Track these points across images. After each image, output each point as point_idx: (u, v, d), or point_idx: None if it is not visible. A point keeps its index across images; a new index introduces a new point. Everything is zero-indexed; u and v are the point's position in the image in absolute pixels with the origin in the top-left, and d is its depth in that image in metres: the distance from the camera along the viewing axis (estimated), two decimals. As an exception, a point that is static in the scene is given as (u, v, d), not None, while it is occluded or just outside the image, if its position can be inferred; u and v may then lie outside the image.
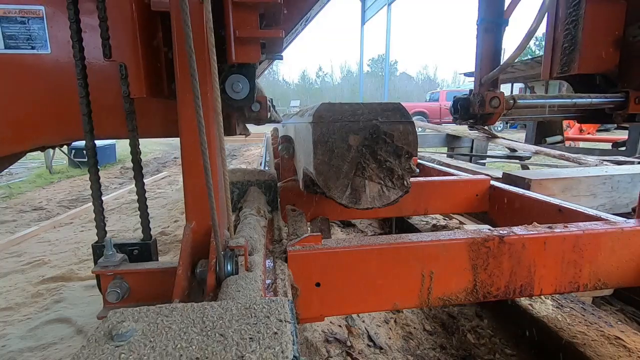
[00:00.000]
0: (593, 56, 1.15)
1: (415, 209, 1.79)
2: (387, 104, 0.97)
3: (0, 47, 0.89)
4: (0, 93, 0.90)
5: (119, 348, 0.36)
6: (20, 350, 1.57)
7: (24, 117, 0.93)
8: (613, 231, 1.03)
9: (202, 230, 0.82)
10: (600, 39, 1.14)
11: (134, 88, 0.82)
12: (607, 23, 1.14)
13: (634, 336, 1.24)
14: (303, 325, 1.47)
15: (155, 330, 0.39)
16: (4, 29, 0.88)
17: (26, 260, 2.62)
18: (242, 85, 0.84)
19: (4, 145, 0.94)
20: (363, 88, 15.01)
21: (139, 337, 0.37)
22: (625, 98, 1.14)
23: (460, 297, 0.98)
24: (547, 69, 1.25)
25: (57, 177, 6.22)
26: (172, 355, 0.35)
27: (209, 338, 0.37)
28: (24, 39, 0.90)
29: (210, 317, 0.41)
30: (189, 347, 0.36)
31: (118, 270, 0.81)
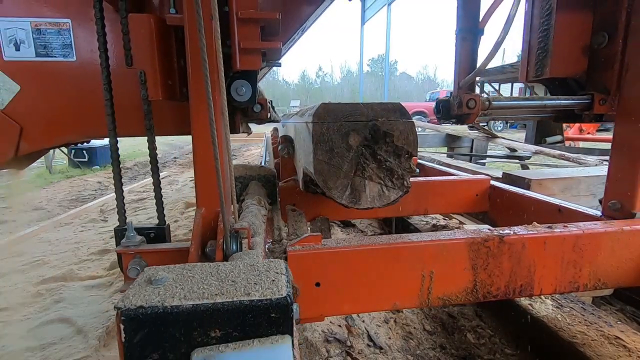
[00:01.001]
0: (563, 61, 1.26)
1: (415, 209, 1.79)
2: (387, 104, 0.97)
3: (32, 55, 1.03)
4: (32, 96, 1.05)
5: (157, 288, 0.49)
6: (20, 350, 1.57)
7: (52, 117, 1.07)
8: (613, 231, 1.03)
9: (210, 215, 0.94)
10: (569, 46, 1.25)
11: (152, 92, 0.92)
12: (575, 32, 1.25)
13: (633, 336, 1.24)
14: (303, 325, 1.47)
15: (182, 278, 0.52)
16: (35, 39, 1.02)
17: (26, 260, 2.62)
18: (245, 89, 0.96)
19: (36, 141, 1.09)
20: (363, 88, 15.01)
21: (171, 282, 0.51)
22: (590, 100, 1.24)
23: (460, 297, 0.98)
24: (523, 72, 1.36)
25: (57, 177, 6.22)
26: (197, 292, 0.47)
27: (223, 283, 0.50)
28: (53, 48, 1.03)
29: (223, 270, 0.54)
30: (208, 287, 0.49)
31: (138, 249, 0.94)
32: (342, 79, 73.76)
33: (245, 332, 0.45)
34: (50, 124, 1.08)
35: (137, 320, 0.44)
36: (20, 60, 1.03)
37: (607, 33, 1.21)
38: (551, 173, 2.40)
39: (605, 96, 1.23)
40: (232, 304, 0.45)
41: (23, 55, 1.03)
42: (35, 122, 1.07)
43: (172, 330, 0.44)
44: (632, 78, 1.14)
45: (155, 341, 0.45)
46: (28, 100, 1.06)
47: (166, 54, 0.95)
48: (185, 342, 0.45)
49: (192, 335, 0.45)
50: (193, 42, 0.85)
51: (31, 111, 1.07)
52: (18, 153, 1.07)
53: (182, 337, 0.45)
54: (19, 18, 1.00)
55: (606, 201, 1.23)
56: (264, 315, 0.46)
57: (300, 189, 1.28)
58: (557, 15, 1.22)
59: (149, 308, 0.45)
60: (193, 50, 0.86)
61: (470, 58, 1.31)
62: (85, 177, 6.24)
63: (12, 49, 1.02)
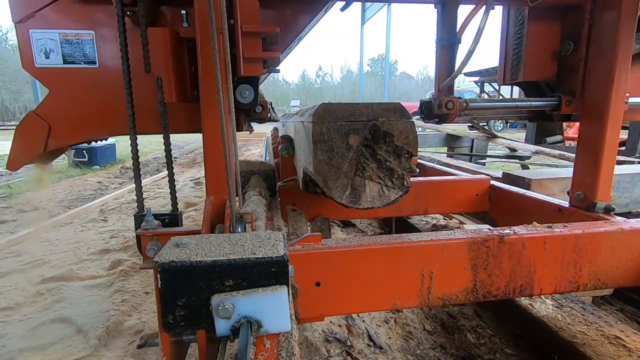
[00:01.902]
0: (534, 67, 1.40)
1: (415, 209, 1.79)
2: (387, 104, 0.97)
3: (60, 63, 1.16)
4: (59, 98, 1.19)
5: (183, 250, 0.61)
6: (20, 349, 1.58)
7: (77, 117, 1.21)
8: (613, 231, 1.04)
9: (218, 202, 1.06)
10: (540, 52, 1.39)
11: (167, 95, 1.04)
12: (545, 39, 1.38)
13: (633, 336, 1.24)
14: (303, 325, 1.47)
15: (202, 243, 0.64)
16: (63, 48, 1.16)
17: (26, 260, 2.62)
18: (248, 93, 1.08)
19: (62, 138, 1.22)
20: (363, 88, 15.01)
21: (193, 246, 0.62)
22: (558, 101, 1.36)
23: (460, 296, 0.98)
24: (501, 76, 1.51)
25: (57, 177, 6.22)
26: (215, 252, 0.60)
27: (235, 246, 0.62)
28: (78, 56, 1.17)
29: (234, 238, 0.66)
30: (223, 249, 0.61)
31: (155, 232, 1.06)
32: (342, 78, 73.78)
33: (251, 282, 0.58)
34: (75, 123, 1.22)
35: (169, 271, 0.56)
36: (49, 67, 1.17)
37: (572, 41, 1.34)
38: (551, 173, 2.40)
39: (571, 98, 1.35)
40: (242, 260, 0.58)
41: (52, 63, 1.17)
42: (62, 122, 1.21)
43: (196, 280, 0.57)
44: (593, 82, 1.28)
45: (183, 288, 0.57)
46: (56, 102, 1.20)
47: (179, 61, 1.07)
48: (206, 289, 0.57)
49: (211, 283, 0.57)
50: (204, 52, 0.97)
51: (58, 112, 1.20)
52: (46, 149, 1.22)
53: (203, 285, 0.57)
54: (49, 30, 1.15)
55: (572, 192, 1.38)
56: (266, 269, 0.58)
57: (300, 189, 1.28)
58: (529, 25, 1.36)
59: (178, 262, 0.56)
60: (204, 59, 0.98)
61: (448, 64, 1.43)
62: (85, 177, 6.24)
63: (43, 57, 1.16)
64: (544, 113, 1.42)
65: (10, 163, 1.23)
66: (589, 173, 1.31)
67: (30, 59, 1.16)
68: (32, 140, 1.21)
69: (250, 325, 0.55)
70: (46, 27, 1.15)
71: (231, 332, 0.56)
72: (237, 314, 0.56)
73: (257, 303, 0.57)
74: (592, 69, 1.28)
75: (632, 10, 1.17)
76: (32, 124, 1.20)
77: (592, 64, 1.28)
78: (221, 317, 0.56)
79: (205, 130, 1.03)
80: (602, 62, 1.24)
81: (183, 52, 1.09)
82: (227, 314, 0.55)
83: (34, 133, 1.20)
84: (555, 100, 1.37)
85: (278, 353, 0.53)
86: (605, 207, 1.27)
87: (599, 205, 1.27)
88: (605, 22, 1.23)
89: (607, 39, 1.23)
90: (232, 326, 0.56)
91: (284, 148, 1.53)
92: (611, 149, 1.26)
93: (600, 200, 1.27)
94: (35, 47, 1.15)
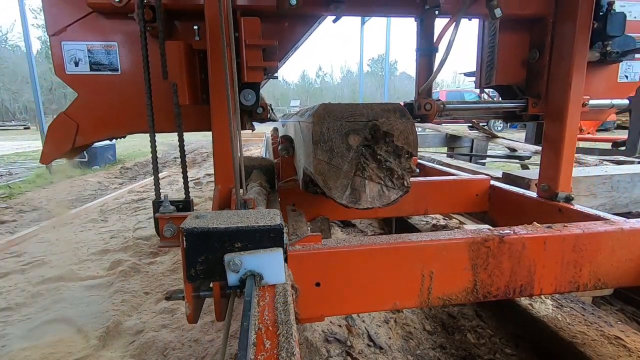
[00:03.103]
0: (506, 72, 1.56)
1: (415, 209, 1.79)
2: (387, 104, 0.97)
3: (87, 70, 1.33)
4: (86, 101, 1.36)
5: (202, 220, 0.74)
6: (20, 349, 1.58)
7: (101, 117, 1.37)
8: (613, 231, 1.03)
9: (225, 190, 1.25)
10: (511, 59, 1.55)
11: (181, 98, 1.19)
12: (515, 48, 1.54)
13: (634, 336, 1.24)
14: (303, 325, 1.47)
15: (217, 216, 0.78)
16: (90, 57, 1.33)
17: (26, 260, 2.62)
18: (251, 96, 1.24)
19: (88, 136, 1.38)
20: (363, 88, 15.02)
21: (209, 217, 0.76)
22: (526, 103, 1.51)
23: (460, 297, 0.98)
24: (477, 81, 1.67)
25: (57, 177, 6.22)
26: (227, 221, 0.73)
27: (242, 218, 0.76)
28: (103, 64, 1.34)
29: (241, 213, 0.80)
30: (233, 220, 0.75)
31: (171, 216, 1.21)
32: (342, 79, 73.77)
33: (255, 244, 0.72)
34: (99, 122, 1.38)
35: (192, 235, 0.70)
36: (78, 74, 1.34)
37: (538, 50, 1.49)
38: (551, 173, 2.40)
39: (537, 100, 1.50)
40: (248, 228, 0.72)
41: (80, 70, 1.34)
42: (88, 121, 1.37)
43: (212, 242, 0.71)
44: (554, 86, 1.43)
45: (202, 248, 0.71)
46: (83, 104, 1.36)
47: (191, 69, 1.22)
48: (220, 249, 0.71)
49: (223, 245, 0.71)
50: (214, 62, 1.14)
51: (85, 112, 1.37)
52: (74, 145, 1.38)
53: (217, 246, 0.71)
54: (78, 42, 1.32)
55: (539, 184, 1.53)
56: (266, 235, 0.72)
57: (301, 189, 1.28)
58: (500, 35, 1.52)
59: (199, 228, 0.71)
60: (214, 68, 1.14)
61: (427, 70, 1.57)
62: (85, 177, 6.24)
63: (73, 65, 1.33)
64: (514, 113, 1.57)
65: (43, 157, 1.40)
66: (552, 167, 1.47)
67: (61, 67, 1.32)
68: (63, 138, 1.37)
69: (254, 277, 0.71)
70: (76, 39, 1.32)
71: (239, 282, 0.71)
72: (244, 268, 0.71)
73: (259, 261, 0.71)
74: (554, 74, 1.43)
75: (585, 23, 1.32)
76: (63, 123, 1.36)
77: (554, 70, 1.43)
78: (232, 270, 0.71)
79: (214, 128, 1.21)
80: (562, 68, 1.39)
81: (195, 62, 1.25)
82: (236, 268, 0.70)
83: (64, 131, 1.37)
84: (523, 102, 1.51)
85: (278, 353, 0.53)
86: (566, 196, 1.45)
87: (561, 195, 1.46)
88: (564, 33, 1.39)
89: (565, 48, 1.38)
90: (240, 278, 0.71)
91: (284, 148, 1.54)
92: (570, 145, 1.42)
93: (561, 191, 1.46)
94: (66, 56, 1.32)
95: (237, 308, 0.71)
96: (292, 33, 1.46)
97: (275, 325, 0.59)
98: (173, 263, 2.46)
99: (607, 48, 1.43)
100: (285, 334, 0.57)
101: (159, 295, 2.04)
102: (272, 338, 0.57)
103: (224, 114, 1.18)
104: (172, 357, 1.50)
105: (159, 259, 2.55)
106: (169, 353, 1.53)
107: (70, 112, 1.37)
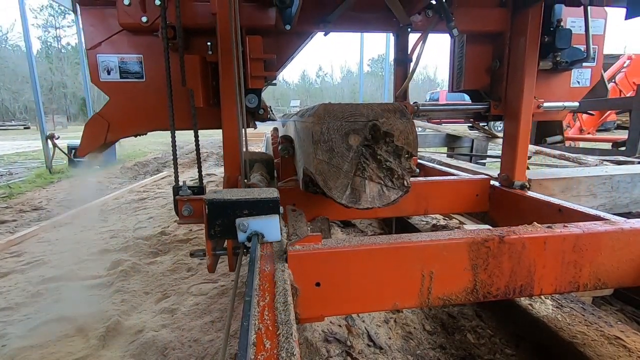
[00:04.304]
0: (472, 78, 1.81)
1: (415, 209, 1.79)
2: (387, 104, 0.97)
3: (117, 78, 1.57)
4: (116, 103, 1.60)
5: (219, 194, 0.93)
6: (20, 349, 1.58)
7: (128, 117, 1.61)
8: (613, 231, 1.03)
9: (232, 178, 1.48)
10: (477, 68, 1.80)
11: (197, 102, 1.44)
12: (480, 58, 1.79)
13: (633, 336, 1.24)
14: (303, 325, 1.47)
15: (229, 191, 0.96)
16: (120, 67, 1.57)
17: (26, 260, 2.62)
18: (254, 100, 1.50)
19: (117, 133, 1.63)
20: (363, 88, 15.03)
21: (224, 192, 0.95)
22: (488, 105, 1.76)
23: (460, 297, 0.98)
24: (450, 86, 1.92)
25: (57, 177, 6.22)
26: (237, 195, 0.92)
27: (248, 192, 0.94)
28: (130, 73, 1.58)
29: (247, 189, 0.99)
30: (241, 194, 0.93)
31: (188, 198, 1.47)
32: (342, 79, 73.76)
33: (258, 212, 0.91)
34: (127, 121, 1.62)
35: (212, 204, 0.90)
36: (110, 81, 1.57)
37: (499, 60, 1.74)
38: (551, 173, 2.40)
39: (498, 102, 1.75)
40: (253, 199, 0.91)
41: (112, 78, 1.57)
42: (118, 120, 1.61)
43: (226, 209, 0.91)
44: (511, 90, 1.69)
45: (220, 214, 0.91)
46: (113, 106, 1.60)
47: (205, 78, 1.47)
48: (232, 214, 0.91)
49: (235, 212, 0.90)
50: (225, 72, 1.38)
51: (115, 113, 1.60)
52: (105, 141, 1.63)
53: (231, 212, 0.91)
54: (110, 54, 1.56)
55: (500, 174, 1.81)
56: (266, 204, 0.91)
57: (301, 189, 1.28)
58: (468, 47, 1.78)
59: (217, 199, 0.91)
60: (225, 77, 1.39)
61: (402, 77, 1.86)
62: (85, 176, 6.24)
63: (105, 74, 1.57)
64: (480, 114, 1.80)
65: (80, 151, 1.66)
66: (509, 159, 1.73)
67: (96, 75, 1.56)
68: (96, 134, 1.61)
69: (257, 236, 0.90)
70: (108, 52, 1.56)
71: (246, 239, 0.90)
72: (250, 229, 0.90)
73: (261, 223, 0.91)
74: (510, 80, 1.69)
75: (534, 38, 1.58)
76: (97, 122, 1.60)
77: (510, 77, 1.68)
78: (241, 230, 0.90)
79: (224, 126, 1.45)
80: (517, 75, 1.64)
81: (207, 72, 1.48)
82: (244, 229, 0.90)
83: (97, 129, 1.61)
84: (487, 104, 1.76)
85: (278, 353, 0.53)
86: (521, 184, 1.71)
87: (517, 183, 1.71)
88: (517, 47, 1.64)
89: (519, 58, 1.62)
90: (247, 236, 0.90)
91: (284, 148, 1.54)
92: (524, 141, 1.68)
93: (517, 180, 1.72)
94: (100, 66, 1.55)
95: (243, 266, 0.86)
96: (288, 47, 1.72)
97: (275, 325, 0.59)
98: (173, 263, 2.46)
99: (557, 58, 1.65)
100: (285, 334, 0.57)
101: (158, 295, 2.04)
102: (272, 338, 0.57)
103: (232, 114, 1.42)
104: (172, 357, 1.50)
105: (159, 259, 2.55)
106: (169, 353, 1.53)
107: (102, 113, 1.60)
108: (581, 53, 1.66)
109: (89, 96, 9.03)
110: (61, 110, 47.31)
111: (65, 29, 54.14)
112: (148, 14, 1.46)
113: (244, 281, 1.52)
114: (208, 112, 1.57)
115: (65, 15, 51.84)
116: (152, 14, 1.46)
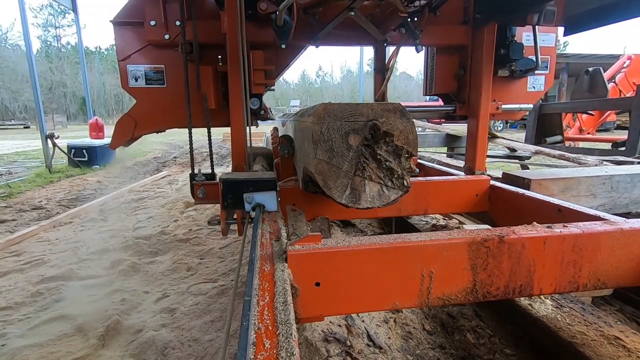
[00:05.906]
0: (442, 84, 2.17)
1: (415, 209, 1.79)
2: (387, 104, 0.96)
3: (143, 84, 1.89)
4: (142, 105, 1.92)
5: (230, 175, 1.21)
6: (20, 348, 1.58)
7: (152, 116, 1.94)
8: (613, 231, 1.03)
9: (239, 167, 1.73)
10: (446, 75, 2.16)
11: (210, 104, 1.79)
12: (448, 67, 2.14)
13: (633, 336, 1.24)
14: (303, 325, 1.47)
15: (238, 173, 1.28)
16: (146, 75, 1.89)
17: (26, 259, 2.62)
18: (256, 102, 1.79)
19: (142, 130, 1.95)
20: (363, 88, 15.03)
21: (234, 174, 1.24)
22: (455, 107, 2.13)
23: (460, 296, 0.98)
24: (424, 90, 2.31)
25: (56, 176, 6.22)
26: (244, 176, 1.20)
27: (252, 174, 1.23)
28: (154, 80, 1.90)
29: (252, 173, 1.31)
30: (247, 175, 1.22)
31: (203, 183, 1.78)
32: (342, 78, 73.72)
33: (260, 188, 1.16)
34: (150, 120, 1.94)
35: (226, 182, 1.15)
36: (137, 87, 1.89)
37: (463, 69, 2.09)
38: (551, 173, 2.39)
39: (462, 105, 2.11)
40: (256, 178, 1.17)
41: (139, 84, 1.89)
42: (143, 119, 1.93)
43: (236, 186, 1.16)
44: (472, 94, 2.05)
45: (231, 189, 1.16)
46: (140, 108, 1.92)
47: (217, 84, 1.82)
48: (240, 190, 1.15)
49: (242, 188, 1.15)
50: (233, 80, 1.65)
51: (141, 113, 1.93)
52: (132, 137, 1.95)
53: (239, 188, 1.16)
54: (138, 64, 1.88)
55: (465, 164, 2.16)
56: (266, 183, 1.16)
57: (300, 189, 1.28)
58: (437, 57, 2.15)
59: (229, 178, 1.16)
60: (233, 84, 1.66)
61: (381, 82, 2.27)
62: (85, 176, 6.25)
63: (134, 81, 1.89)
64: (449, 114, 2.16)
65: (112, 144, 1.98)
66: (472, 152, 2.08)
67: (126, 82, 1.87)
68: (125, 131, 1.94)
69: (259, 206, 1.15)
70: (136, 63, 1.88)
71: (251, 209, 1.16)
72: (254, 201, 1.16)
73: (262, 197, 1.17)
74: (472, 86, 2.04)
75: (489, 51, 1.93)
76: (126, 121, 1.92)
77: (472, 83, 2.04)
78: (247, 202, 1.16)
79: (232, 124, 1.71)
80: (476, 82, 2.00)
81: (218, 79, 1.83)
82: (250, 200, 1.15)
83: (126, 126, 1.93)
84: (453, 106, 2.13)
85: (278, 353, 0.53)
86: (481, 173, 2.00)
87: (477, 172, 2.05)
88: (477, 57, 1.99)
89: (478, 68, 1.98)
90: (252, 207, 1.16)
91: (284, 148, 1.54)
92: (483, 137, 2.04)
93: (477, 169, 2.07)
94: (129, 75, 1.88)
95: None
96: (284, 59, 2.07)
97: (275, 325, 0.59)
98: (173, 263, 2.46)
99: (513, 67, 1.99)
100: (285, 334, 0.57)
101: (158, 294, 2.04)
102: (271, 338, 0.57)
103: (239, 114, 1.67)
104: (172, 356, 1.50)
105: (159, 259, 2.55)
106: (169, 352, 1.53)
107: (131, 113, 1.93)
108: (533, 63, 1.99)
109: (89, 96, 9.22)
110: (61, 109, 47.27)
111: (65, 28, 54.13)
112: (170, 32, 1.80)
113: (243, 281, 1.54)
114: (218, 113, 1.88)
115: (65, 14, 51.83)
116: (173, 32, 1.80)
